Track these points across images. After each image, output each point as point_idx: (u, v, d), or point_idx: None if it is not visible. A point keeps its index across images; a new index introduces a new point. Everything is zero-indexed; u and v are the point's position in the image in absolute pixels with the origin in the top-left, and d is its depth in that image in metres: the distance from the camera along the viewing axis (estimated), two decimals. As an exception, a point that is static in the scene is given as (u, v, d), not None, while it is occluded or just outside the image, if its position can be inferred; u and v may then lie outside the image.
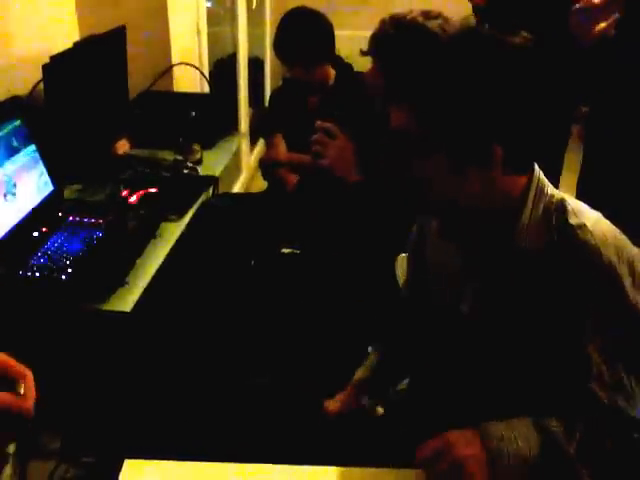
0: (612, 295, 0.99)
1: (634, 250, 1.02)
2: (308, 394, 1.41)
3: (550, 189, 1.06)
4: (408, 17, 1.43)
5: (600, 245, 0.98)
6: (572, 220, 1.00)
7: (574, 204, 1.04)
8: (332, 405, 1.36)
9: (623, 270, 0.98)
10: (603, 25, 1.62)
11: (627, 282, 0.98)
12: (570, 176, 2.38)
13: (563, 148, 2.51)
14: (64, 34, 1.98)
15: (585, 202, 1.07)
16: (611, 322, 1.00)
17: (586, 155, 2.28)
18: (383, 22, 1.49)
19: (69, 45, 1.92)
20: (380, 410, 1.34)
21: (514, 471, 0.96)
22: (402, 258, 1.57)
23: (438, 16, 1.43)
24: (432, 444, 0.96)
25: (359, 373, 1.41)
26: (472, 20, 1.04)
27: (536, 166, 1.07)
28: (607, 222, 1.03)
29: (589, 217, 1.01)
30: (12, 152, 1.64)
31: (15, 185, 1.62)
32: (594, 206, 1.06)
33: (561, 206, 1.03)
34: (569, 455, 0.97)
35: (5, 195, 1.58)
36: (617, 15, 1.62)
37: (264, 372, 1.52)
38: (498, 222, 1.05)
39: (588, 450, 0.97)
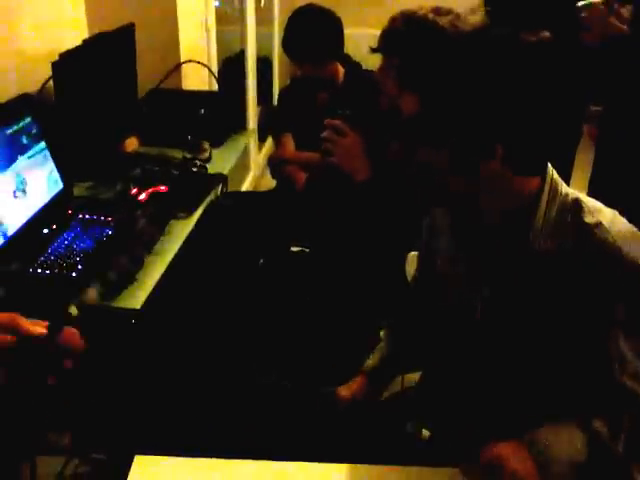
0: None
1: None
2: (317, 393, 1.40)
3: (564, 188, 1.05)
4: (419, 13, 1.42)
5: (620, 243, 0.97)
6: (588, 219, 1.00)
7: (589, 202, 1.03)
8: (344, 391, 1.37)
9: None
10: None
11: None
12: (581, 176, 2.36)
13: (574, 148, 2.49)
14: (73, 31, 1.98)
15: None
16: None
17: (598, 155, 2.27)
18: (394, 19, 1.48)
19: (78, 42, 1.92)
20: (426, 433, 1.33)
21: (563, 475, 0.96)
22: (413, 256, 1.56)
23: (449, 12, 1.42)
24: (482, 458, 0.96)
25: (370, 360, 1.41)
26: (485, 18, 1.03)
27: (549, 165, 1.06)
28: (623, 219, 1.02)
29: (605, 215, 1.01)
30: (22, 150, 1.64)
31: (25, 182, 1.63)
32: (605, 206, 1.05)
33: (576, 205, 1.02)
34: (618, 454, 0.96)
35: (15, 192, 1.58)
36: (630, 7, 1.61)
37: (272, 370, 1.52)
38: (511, 222, 1.04)
39: (636, 447, 0.97)
